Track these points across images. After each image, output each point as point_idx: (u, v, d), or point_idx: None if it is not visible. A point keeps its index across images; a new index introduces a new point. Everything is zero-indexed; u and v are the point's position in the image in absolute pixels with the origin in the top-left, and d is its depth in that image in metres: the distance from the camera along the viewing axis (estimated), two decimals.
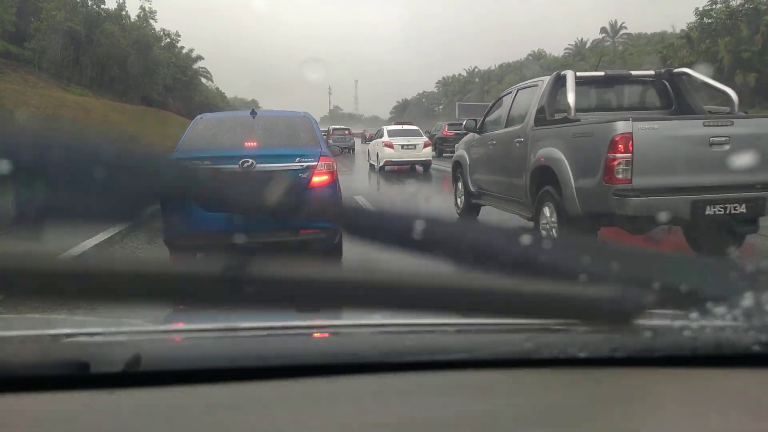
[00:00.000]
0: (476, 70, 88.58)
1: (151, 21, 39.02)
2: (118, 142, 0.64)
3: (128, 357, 0.65)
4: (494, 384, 0.68)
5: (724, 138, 3.85)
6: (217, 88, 61.60)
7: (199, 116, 4.88)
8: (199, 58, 49.95)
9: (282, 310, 0.86)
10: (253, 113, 4.66)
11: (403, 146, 14.57)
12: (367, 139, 24.25)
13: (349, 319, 0.86)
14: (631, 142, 3.77)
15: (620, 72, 5.84)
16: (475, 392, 0.66)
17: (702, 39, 34.01)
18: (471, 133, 6.70)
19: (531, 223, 4.93)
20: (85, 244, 5.23)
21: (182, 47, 45.94)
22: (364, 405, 0.64)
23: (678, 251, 4.55)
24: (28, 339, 0.77)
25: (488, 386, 0.67)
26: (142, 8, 38.07)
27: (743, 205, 3.86)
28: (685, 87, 5.32)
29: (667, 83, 5.36)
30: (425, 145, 14.81)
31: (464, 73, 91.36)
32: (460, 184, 6.91)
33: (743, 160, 3.77)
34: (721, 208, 3.83)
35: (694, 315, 0.68)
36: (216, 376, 0.67)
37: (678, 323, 0.68)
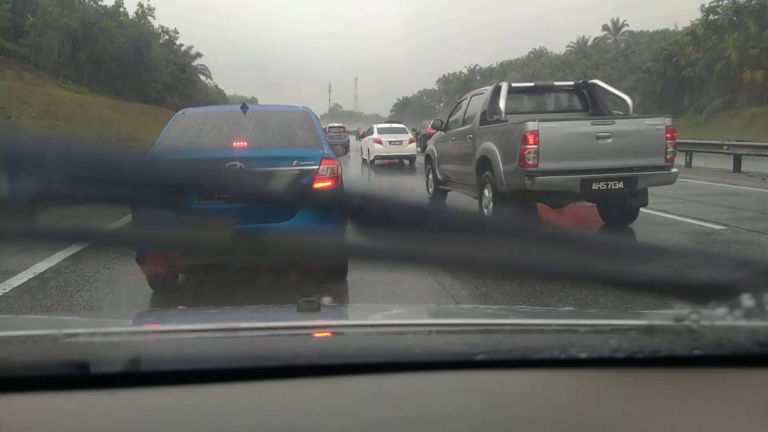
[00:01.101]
0: (477, 67, 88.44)
1: (150, 18, 38.95)
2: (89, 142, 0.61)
3: (128, 357, 0.65)
4: (494, 385, 0.67)
5: (607, 133, 5.30)
6: (216, 86, 61.45)
7: (180, 111, 4.24)
8: (198, 55, 49.89)
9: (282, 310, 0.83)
10: (244, 107, 4.05)
11: (390, 142, 16.29)
12: (360, 136, 25.11)
13: (349, 319, 0.86)
14: (537, 137, 5.16)
15: (547, 83, 7.53)
16: (475, 393, 0.66)
17: (708, 35, 33.81)
18: (438, 131, 8.03)
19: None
20: (57, 256, 4.65)
21: (181, 44, 45.88)
22: (364, 405, 0.64)
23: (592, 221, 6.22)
24: (28, 339, 0.76)
25: (488, 387, 0.67)
26: (140, 5, 38.01)
27: (621, 182, 5.27)
28: (598, 94, 6.78)
29: (585, 91, 6.84)
30: (410, 141, 16.60)
31: (465, 71, 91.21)
32: (430, 174, 8.31)
33: (621, 149, 5.26)
34: (604, 184, 5.27)
35: (694, 315, 0.68)
36: (216, 376, 0.66)
37: (678, 323, 0.68)
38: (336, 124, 26.37)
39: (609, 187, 5.25)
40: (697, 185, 9.70)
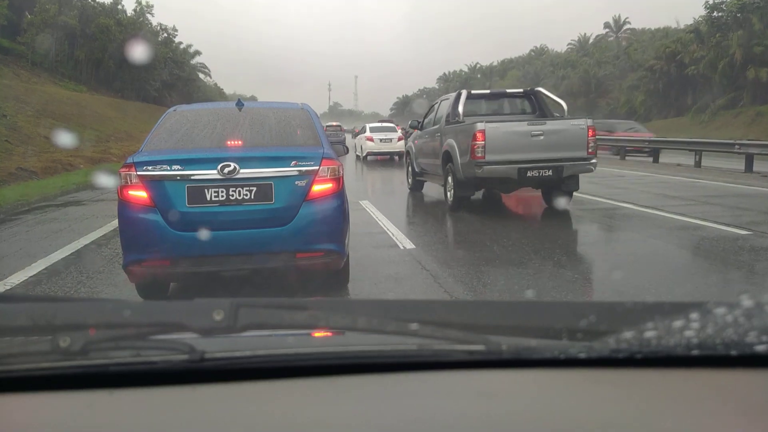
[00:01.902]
0: (478, 65, 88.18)
1: (148, 15, 38.73)
2: None
3: (129, 355, 0.66)
4: (495, 384, 0.68)
5: (540, 132, 6.76)
6: (215, 84, 61.28)
7: (172, 108, 3.98)
8: (197, 53, 49.71)
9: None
10: (240, 104, 3.80)
11: (381, 140, 17.62)
12: (355, 134, 25.85)
13: (349, 318, 0.83)
14: (484, 135, 6.62)
15: (500, 90, 9.32)
16: (475, 392, 0.66)
17: (712, 33, 33.50)
18: (416, 130, 9.44)
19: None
20: (33, 267, 4.42)
21: (180, 42, 45.69)
22: (364, 405, 0.64)
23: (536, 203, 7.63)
24: (28, 341, 0.76)
25: (489, 387, 0.67)
26: (138, 2, 37.75)
27: (550, 171, 6.69)
28: (543, 99, 8.36)
29: (532, 97, 8.46)
30: (399, 139, 17.45)
31: (465, 69, 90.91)
32: (410, 168, 9.73)
33: (551, 144, 6.68)
34: (536, 172, 6.68)
35: (694, 315, 0.68)
36: (215, 375, 0.66)
37: (678, 323, 0.68)
38: (334, 123, 26.98)
39: (540, 174, 6.66)
40: (710, 186, 9.47)
